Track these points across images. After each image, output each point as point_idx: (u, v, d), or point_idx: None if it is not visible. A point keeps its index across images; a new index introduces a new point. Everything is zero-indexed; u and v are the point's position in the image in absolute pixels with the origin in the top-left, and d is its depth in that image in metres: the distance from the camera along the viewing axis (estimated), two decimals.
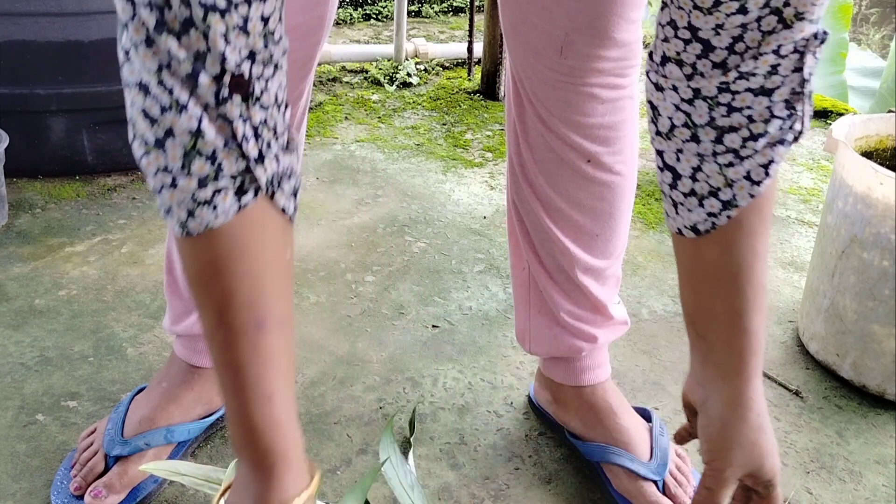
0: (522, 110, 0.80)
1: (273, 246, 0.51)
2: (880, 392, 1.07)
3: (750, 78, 0.52)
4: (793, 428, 1.02)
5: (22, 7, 1.41)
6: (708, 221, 0.58)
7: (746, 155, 0.55)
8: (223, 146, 0.47)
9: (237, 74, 0.46)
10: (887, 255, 1.01)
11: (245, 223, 0.49)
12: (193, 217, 0.48)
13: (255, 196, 0.49)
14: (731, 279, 0.58)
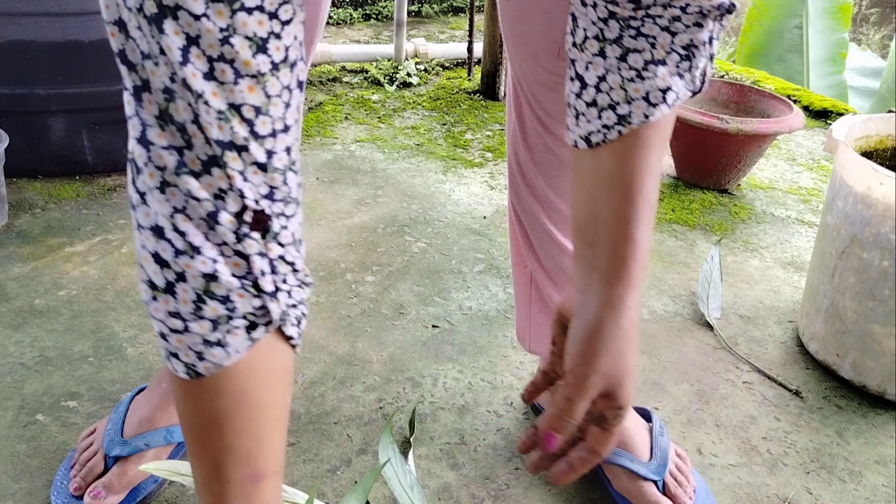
0: (522, 112, 0.80)
1: (278, 393, 0.51)
2: (880, 392, 1.07)
3: (656, 19, 0.56)
4: (793, 428, 1.02)
5: (22, 7, 1.41)
6: (600, 133, 0.60)
7: (647, 76, 0.58)
8: (238, 286, 0.47)
9: (258, 210, 0.46)
10: (887, 255, 1.01)
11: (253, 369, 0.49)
12: (203, 359, 0.48)
13: (266, 330, 0.49)
14: (622, 187, 0.59)
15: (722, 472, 0.94)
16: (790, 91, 2.34)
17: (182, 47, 0.42)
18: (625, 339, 0.59)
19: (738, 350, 1.17)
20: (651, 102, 0.58)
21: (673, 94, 0.58)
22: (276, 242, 0.48)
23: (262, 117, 0.45)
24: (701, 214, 1.61)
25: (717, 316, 1.24)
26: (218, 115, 0.43)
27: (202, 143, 0.44)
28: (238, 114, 0.44)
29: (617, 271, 0.60)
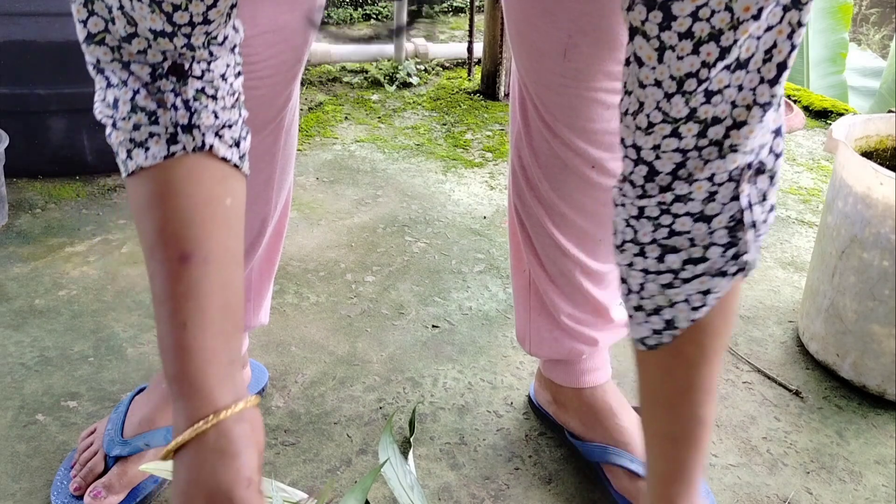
0: (527, 115, 0.80)
1: (208, 190, 0.55)
2: (880, 392, 1.07)
3: (687, 202, 0.54)
4: (793, 428, 1.02)
5: (22, 7, 1.41)
6: (653, 338, 0.59)
7: (685, 278, 0.56)
8: (155, 108, 0.54)
9: (177, 62, 0.54)
10: (887, 255, 1.01)
11: (178, 168, 0.54)
12: (130, 157, 0.54)
13: (184, 150, 0.54)
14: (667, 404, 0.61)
15: (722, 472, 0.94)
16: (790, 91, 2.35)
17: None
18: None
19: (738, 350, 1.18)
20: (693, 306, 0.57)
21: (713, 296, 0.56)
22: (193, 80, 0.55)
23: (181, 12, 0.51)
24: None
25: None
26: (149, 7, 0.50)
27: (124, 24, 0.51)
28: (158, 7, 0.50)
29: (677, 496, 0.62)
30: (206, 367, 0.53)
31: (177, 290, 0.53)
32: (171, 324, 0.53)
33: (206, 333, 0.53)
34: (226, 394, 0.53)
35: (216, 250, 0.54)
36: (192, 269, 0.53)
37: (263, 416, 0.97)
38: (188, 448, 0.51)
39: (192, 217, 0.54)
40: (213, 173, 0.56)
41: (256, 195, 0.80)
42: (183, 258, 0.53)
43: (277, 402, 1.00)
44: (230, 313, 0.55)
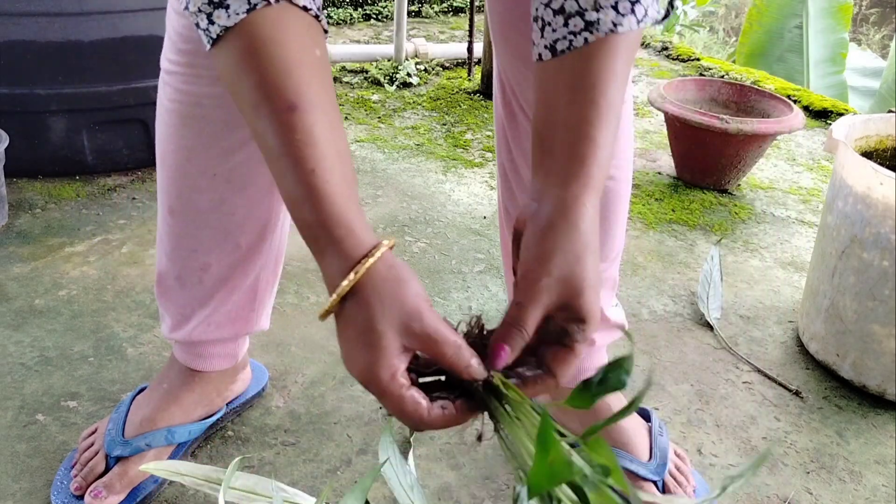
0: (512, 115, 0.80)
1: (298, 40, 0.54)
2: (880, 392, 1.07)
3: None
4: (793, 428, 1.02)
5: (22, 7, 1.41)
6: (566, 40, 0.58)
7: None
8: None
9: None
10: (887, 255, 1.01)
11: (264, 21, 0.53)
12: (212, 22, 0.53)
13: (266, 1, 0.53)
14: (584, 90, 0.58)
15: (722, 472, 0.94)
16: (790, 91, 2.35)
17: None
18: (582, 243, 0.54)
19: (738, 350, 1.18)
20: (619, 11, 0.57)
21: (641, 8, 0.58)
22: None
23: None
24: (701, 214, 1.61)
25: (717, 316, 1.24)
26: None
27: None
28: None
29: (574, 171, 0.56)
30: (348, 209, 0.52)
31: (294, 139, 0.52)
32: (299, 172, 0.52)
33: (335, 177, 0.52)
34: (371, 234, 0.53)
35: (320, 98, 0.54)
36: (305, 117, 0.52)
37: (263, 417, 0.97)
38: (361, 286, 0.51)
39: (290, 67, 0.53)
40: (298, 23, 0.54)
41: (258, 200, 0.80)
42: (291, 108, 0.52)
43: (277, 402, 1.00)
44: (346, 158, 0.55)
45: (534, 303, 0.52)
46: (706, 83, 1.84)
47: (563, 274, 0.53)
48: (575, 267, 0.53)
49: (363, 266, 0.51)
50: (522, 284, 0.54)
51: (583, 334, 0.54)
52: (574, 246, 0.54)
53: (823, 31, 3.19)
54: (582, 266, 0.54)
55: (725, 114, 1.73)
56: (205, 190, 0.78)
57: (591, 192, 0.56)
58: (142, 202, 1.50)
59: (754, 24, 3.29)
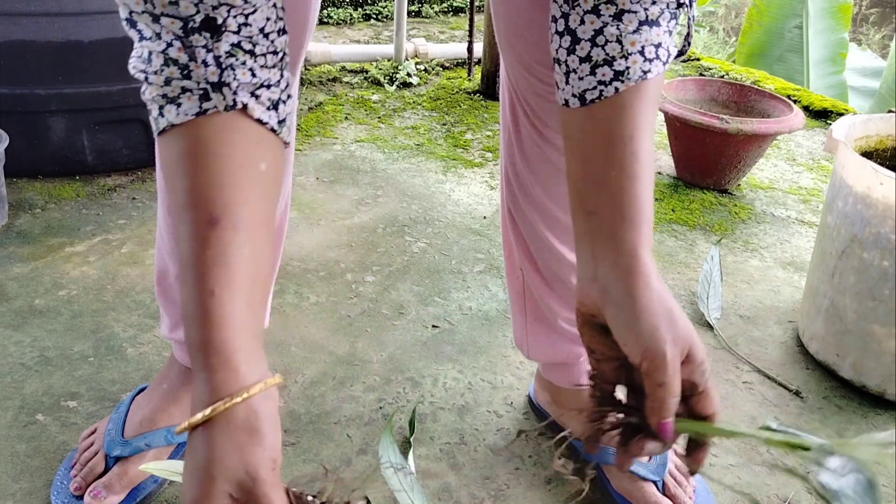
0: (517, 120, 0.80)
1: (242, 153, 0.53)
2: (880, 392, 1.07)
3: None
4: (793, 428, 1.02)
5: (22, 7, 1.40)
6: (596, 90, 0.58)
7: (642, 32, 0.57)
8: (189, 60, 0.52)
9: (210, 16, 0.51)
10: (887, 255, 1.01)
11: (210, 128, 0.52)
12: (162, 114, 0.52)
13: (216, 108, 0.52)
14: (623, 142, 0.57)
15: (722, 472, 0.94)
16: (790, 91, 2.35)
17: None
18: (665, 297, 0.56)
19: (738, 350, 1.18)
20: (647, 57, 0.57)
21: (665, 51, 0.58)
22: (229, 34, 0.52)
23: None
24: (701, 214, 1.61)
25: (717, 316, 1.24)
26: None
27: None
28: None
29: (627, 234, 0.56)
30: (235, 338, 0.50)
31: (205, 254, 0.50)
32: (198, 289, 0.50)
33: (234, 303, 0.51)
34: (254, 369, 0.51)
35: (247, 216, 0.52)
36: (222, 234, 0.51)
37: None
38: (214, 424, 0.49)
39: (224, 180, 0.52)
40: (247, 135, 0.53)
41: None
42: (212, 222, 0.51)
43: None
44: (259, 284, 0.53)
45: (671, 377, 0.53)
46: (706, 83, 1.84)
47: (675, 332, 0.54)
48: (676, 320, 0.55)
49: (221, 405, 0.48)
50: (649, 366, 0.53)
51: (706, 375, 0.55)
52: (664, 303, 0.56)
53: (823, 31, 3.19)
54: (679, 316, 0.55)
55: (725, 114, 1.73)
56: None
57: (647, 249, 0.58)
58: (142, 202, 1.50)
59: (754, 24, 3.29)
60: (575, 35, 0.59)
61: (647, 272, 0.56)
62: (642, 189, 0.57)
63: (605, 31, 0.58)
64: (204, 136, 0.52)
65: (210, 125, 0.52)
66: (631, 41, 0.57)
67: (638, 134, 0.57)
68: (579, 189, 0.60)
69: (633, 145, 0.57)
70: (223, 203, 0.51)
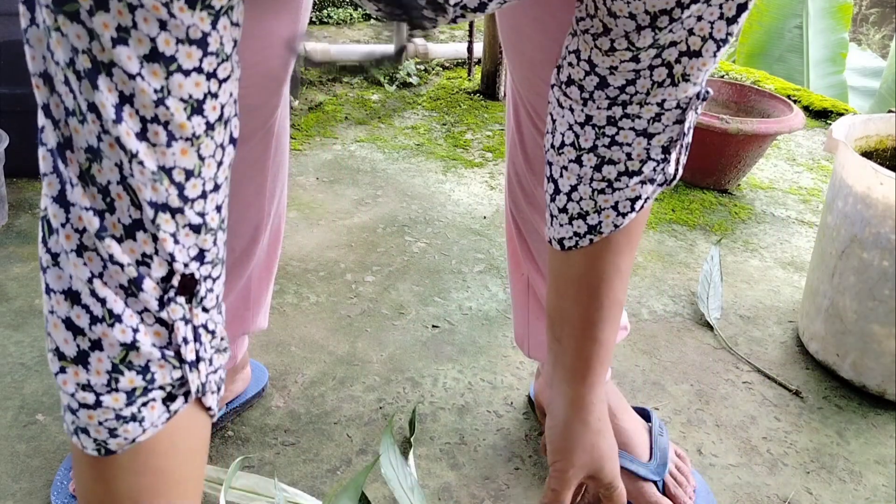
0: (520, 121, 0.79)
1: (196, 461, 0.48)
2: (880, 392, 1.07)
3: (635, 119, 0.58)
4: (793, 428, 1.02)
5: None
6: (572, 240, 0.63)
7: (618, 187, 0.60)
8: (159, 357, 0.44)
9: (186, 274, 0.44)
10: (887, 255, 1.01)
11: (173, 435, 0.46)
12: (116, 435, 0.44)
13: (185, 402, 0.46)
14: (590, 290, 0.63)
15: (722, 472, 0.94)
16: (790, 91, 2.34)
17: (115, 105, 0.39)
18: (594, 433, 0.66)
19: (738, 350, 1.18)
20: (620, 212, 0.61)
21: (641, 201, 0.61)
22: (201, 308, 0.46)
23: (194, 179, 0.43)
24: (701, 214, 1.61)
25: (717, 316, 1.24)
26: (152, 175, 0.41)
27: (127, 205, 0.41)
28: (168, 176, 0.41)
29: (580, 371, 0.65)
30: None
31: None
32: None
33: None
34: None
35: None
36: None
37: (263, 417, 0.97)
38: None
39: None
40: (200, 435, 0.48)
41: (248, 204, 0.80)
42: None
43: (277, 402, 1.00)
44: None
45: (566, 488, 0.66)
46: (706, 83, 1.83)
47: (584, 461, 0.66)
48: (592, 454, 0.66)
49: None
50: (554, 472, 0.67)
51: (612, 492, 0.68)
52: (589, 439, 0.66)
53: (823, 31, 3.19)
54: (598, 451, 0.66)
55: (725, 114, 1.73)
56: None
57: (596, 389, 0.66)
58: None
59: (754, 24, 3.29)
60: (557, 185, 0.63)
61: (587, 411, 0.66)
62: (602, 333, 0.64)
63: (579, 188, 0.61)
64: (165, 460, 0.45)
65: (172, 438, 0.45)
66: (604, 199, 0.61)
67: (606, 284, 0.63)
68: (552, 316, 0.67)
69: (600, 293, 0.63)
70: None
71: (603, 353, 0.65)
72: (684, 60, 0.54)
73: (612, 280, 0.63)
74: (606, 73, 0.56)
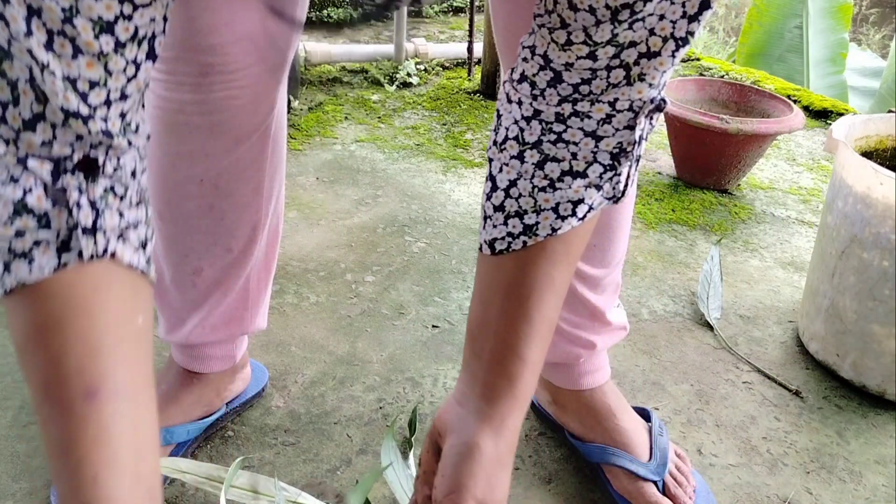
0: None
1: (117, 308, 0.47)
2: (880, 392, 1.08)
3: (584, 118, 0.55)
4: (793, 428, 1.02)
5: None
6: (505, 241, 0.57)
7: (560, 187, 0.56)
8: (52, 206, 0.46)
9: (90, 157, 0.47)
10: (887, 255, 1.01)
11: (76, 283, 0.46)
12: (9, 271, 0.45)
13: (80, 257, 0.46)
14: (519, 300, 0.56)
15: (722, 472, 0.94)
16: (790, 91, 2.35)
17: (25, 17, 0.42)
18: (500, 464, 0.55)
19: (738, 350, 1.18)
20: (560, 214, 0.56)
21: (585, 206, 0.56)
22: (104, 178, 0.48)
23: (98, 89, 0.45)
24: (701, 214, 1.61)
25: (717, 316, 1.24)
26: (62, 84, 0.44)
27: (31, 101, 0.44)
28: (72, 86, 0.44)
29: (500, 389, 0.56)
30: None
31: (84, 434, 0.44)
32: (79, 477, 0.44)
33: (120, 483, 0.45)
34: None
35: (128, 380, 0.47)
36: (101, 407, 0.45)
37: (263, 416, 0.97)
38: None
39: (99, 344, 0.46)
40: (120, 286, 0.48)
41: (246, 204, 0.80)
42: (89, 395, 0.45)
43: (277, 402, 1.00)
44: (145, 453, 0.47)
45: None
46: (706, 83, 1.84)
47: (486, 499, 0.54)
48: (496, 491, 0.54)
49: None
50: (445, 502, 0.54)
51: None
52: (496, 471, 0.55)
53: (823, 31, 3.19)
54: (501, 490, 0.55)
55: (725, 114, 1.73)
56: (193, 196, 0.77)
57: (515, 412, 0.56)
58: None
59: (754, 24, 3.29)
60: (495, 181, 0.58)
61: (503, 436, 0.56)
62: (529, 351, 0.56)
63: (518, 183, 0.57)
64: (69, 295, 0.45)
65: (75, 281, 0.46)
66: (545, 198, 0.56)
67: (537, 294, 0.56)
68: (473, 330, 0.59)
69: (529, 304, 0.56)
70: (100, 371, 0.45)
71: (528, 374, 0.56)
72: (643, 62, 0.52)
73: (544, 293, 0.56)
74: (562, 69, 0.54)
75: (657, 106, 0.55)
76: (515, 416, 0.56)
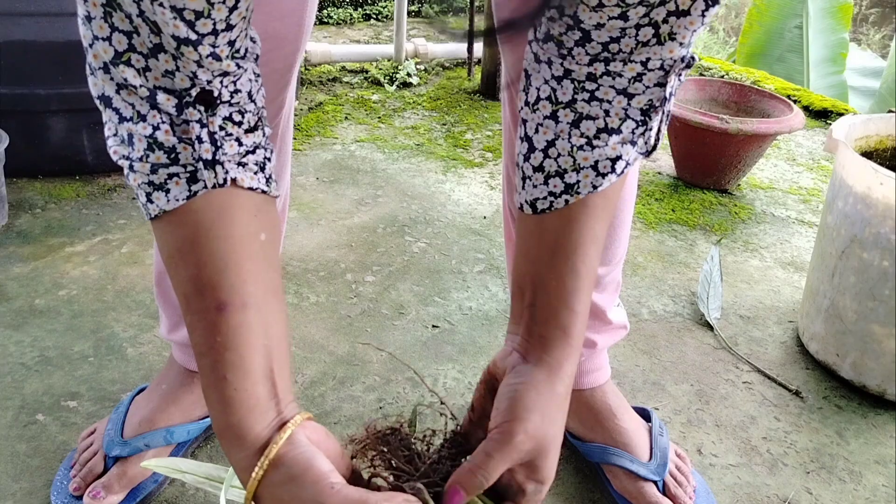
0: (516, 119, 0.80)
1: (242, 229, 0.53)
2: (880, 392, 1.07)
3: (616, 77, 0.56)
4: (793, 428, 1.02)
5: (22, 7, 1.40)
6: (547, 201, 0.59)
7: (598, 145, 0.57)
8: (178, 142, 0.51)
9: (206, 89, 0.51)
10: (887, 255, 1.01)
11: (205, 209, 0.52)
12: (151, 201, 0.52)
13: (206, 187, 0.51)
14: (566, 255, 0.58)
15: (722, 472, 0.94)
16: (790, 91, 2.35)
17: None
18: (558, 406, 0.56)
19: (738, 350, 1.18)
20: (600, 172, 0.57)
21: (623, 162, 0.58)
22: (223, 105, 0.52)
23: (204, 19, 0.47)
24: (701, 214, 1.61)
25: (717, 316, 1.24)
26: (172, 14, 0.46)
27: (147, 32, 0.47)
28: (180, 15, 0.46)
29: (556, 339, 0.58)
30: (249, 415, 0.52)
31: (215, 341, 0.51)
32: (212, 377, 0.52)
33: (247, 382, 0.52)
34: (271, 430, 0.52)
35: (254, 293, 0.53)
36: (231, 318, 0.51)
37: None
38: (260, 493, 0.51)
39: (226, 262, 0.52)
40: (243, 208, 0.53)
41: None
42: (220, 307, 0.51)
43: None
44: (274, 352, 0.54)
45: (504, 456, 0.53)
46: (706, 83, 1.84)
47: (539, 433, 0.54)
48: (550, 428, 0.55)
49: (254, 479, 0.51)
50: (497, 436, 0.54)
51: (538, 495, 0.56)
52: (552, 409, 0.55)
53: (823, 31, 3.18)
54: (556, 429, 0.55)
55: (725, 114, 1.73)
56: None
57: (572, 359, 0.58)
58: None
59: (754, 24, 3.29)
60: (531, 143, 0.59)
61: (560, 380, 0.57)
62: (579, 303, 0.58)
63: (556, 143, 0.58)
64: (199, 220, 0.52)
65: (203, 207, 0.52)
66: (584, 157, 0.57)
67: (582, 249, 0.58)
68: (521, 282, 0.61)
69: (576, 259, 0.58)
70: (229, 286, 0.52)
71: (580, 323, 0.58)
72: (672, 20, 0.52)
73: (588, 247, 0.58)
74: (591, 28, 0.54)
75: (687, 63, 0.56)
76: (571, 362, 0.58)
